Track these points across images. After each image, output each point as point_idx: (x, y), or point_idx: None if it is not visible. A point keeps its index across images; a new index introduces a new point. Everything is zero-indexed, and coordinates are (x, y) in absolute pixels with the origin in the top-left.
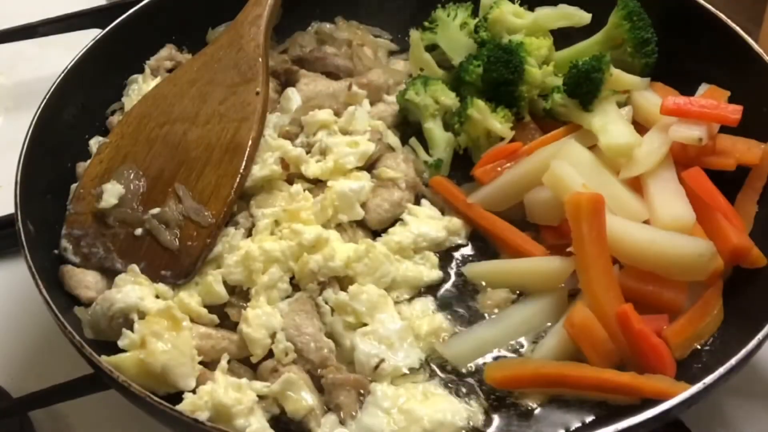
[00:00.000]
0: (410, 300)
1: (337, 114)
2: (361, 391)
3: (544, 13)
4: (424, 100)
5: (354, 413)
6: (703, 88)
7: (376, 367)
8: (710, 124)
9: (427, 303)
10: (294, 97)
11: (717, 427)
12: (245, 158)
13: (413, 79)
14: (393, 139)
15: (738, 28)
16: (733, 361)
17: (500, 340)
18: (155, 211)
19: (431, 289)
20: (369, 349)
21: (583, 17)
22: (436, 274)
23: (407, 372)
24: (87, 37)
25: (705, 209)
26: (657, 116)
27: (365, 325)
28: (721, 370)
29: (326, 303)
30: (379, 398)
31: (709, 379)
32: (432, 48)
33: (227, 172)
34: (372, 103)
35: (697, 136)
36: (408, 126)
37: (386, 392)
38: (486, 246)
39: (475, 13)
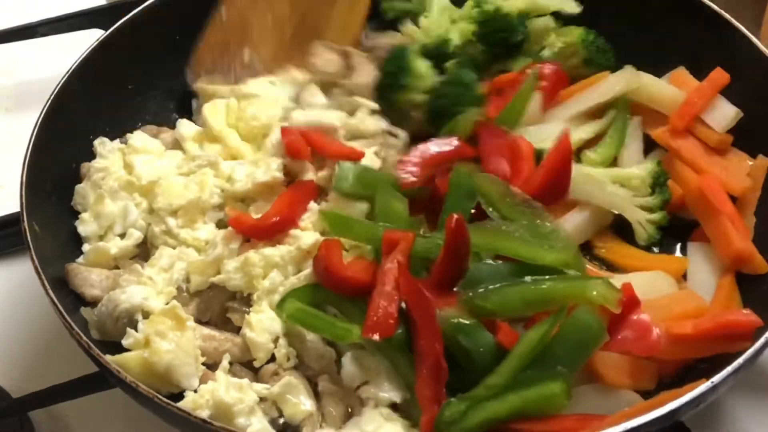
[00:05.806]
0: None
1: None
2: (350, 409)
3: None
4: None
5: (338, 426)
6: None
7: (358, 388)
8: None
9: None
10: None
11: (717, 427)
12: None
13: None
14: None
15: (740, 26)
16: (740, 359)
17: None
18: None
19: None
20: (354, 372)
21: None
22: None
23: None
24: (87, 38)
25: (713, 214)
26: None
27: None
28: (729, 369)
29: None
30: (364, 420)
31: (717, 378)
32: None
33: None
34: None
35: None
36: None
37: (374, 418)
38: None
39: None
